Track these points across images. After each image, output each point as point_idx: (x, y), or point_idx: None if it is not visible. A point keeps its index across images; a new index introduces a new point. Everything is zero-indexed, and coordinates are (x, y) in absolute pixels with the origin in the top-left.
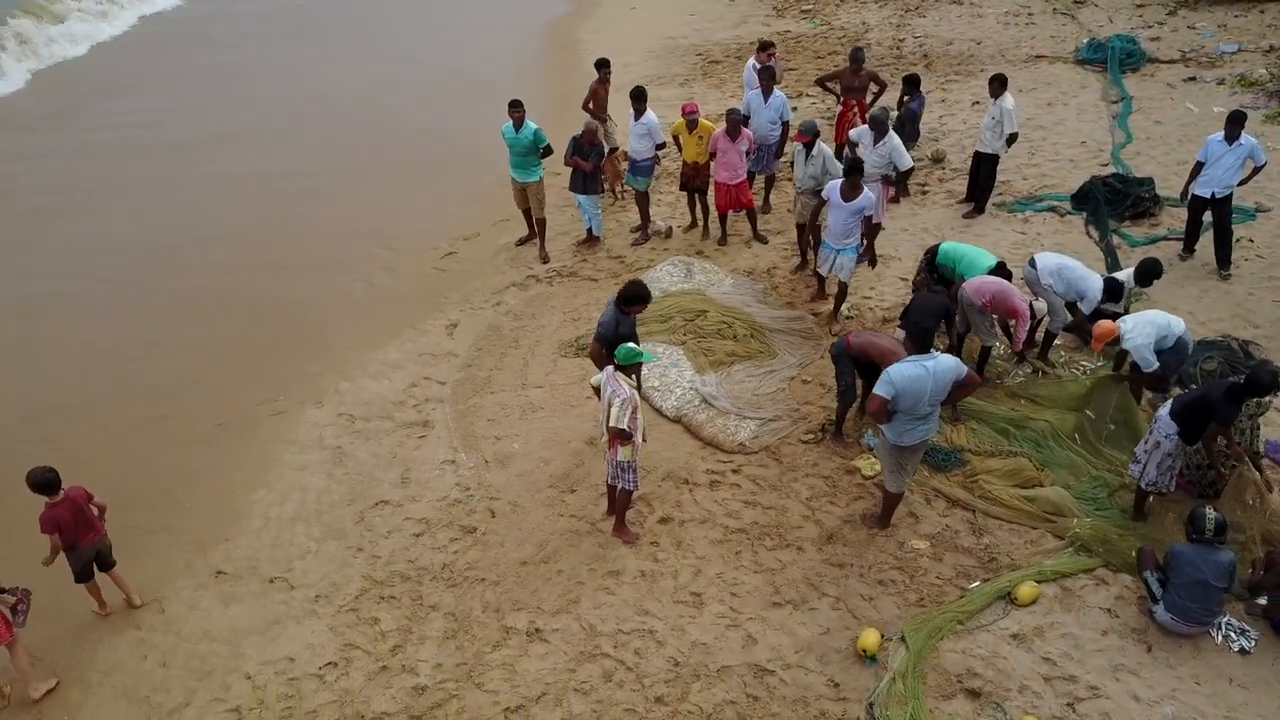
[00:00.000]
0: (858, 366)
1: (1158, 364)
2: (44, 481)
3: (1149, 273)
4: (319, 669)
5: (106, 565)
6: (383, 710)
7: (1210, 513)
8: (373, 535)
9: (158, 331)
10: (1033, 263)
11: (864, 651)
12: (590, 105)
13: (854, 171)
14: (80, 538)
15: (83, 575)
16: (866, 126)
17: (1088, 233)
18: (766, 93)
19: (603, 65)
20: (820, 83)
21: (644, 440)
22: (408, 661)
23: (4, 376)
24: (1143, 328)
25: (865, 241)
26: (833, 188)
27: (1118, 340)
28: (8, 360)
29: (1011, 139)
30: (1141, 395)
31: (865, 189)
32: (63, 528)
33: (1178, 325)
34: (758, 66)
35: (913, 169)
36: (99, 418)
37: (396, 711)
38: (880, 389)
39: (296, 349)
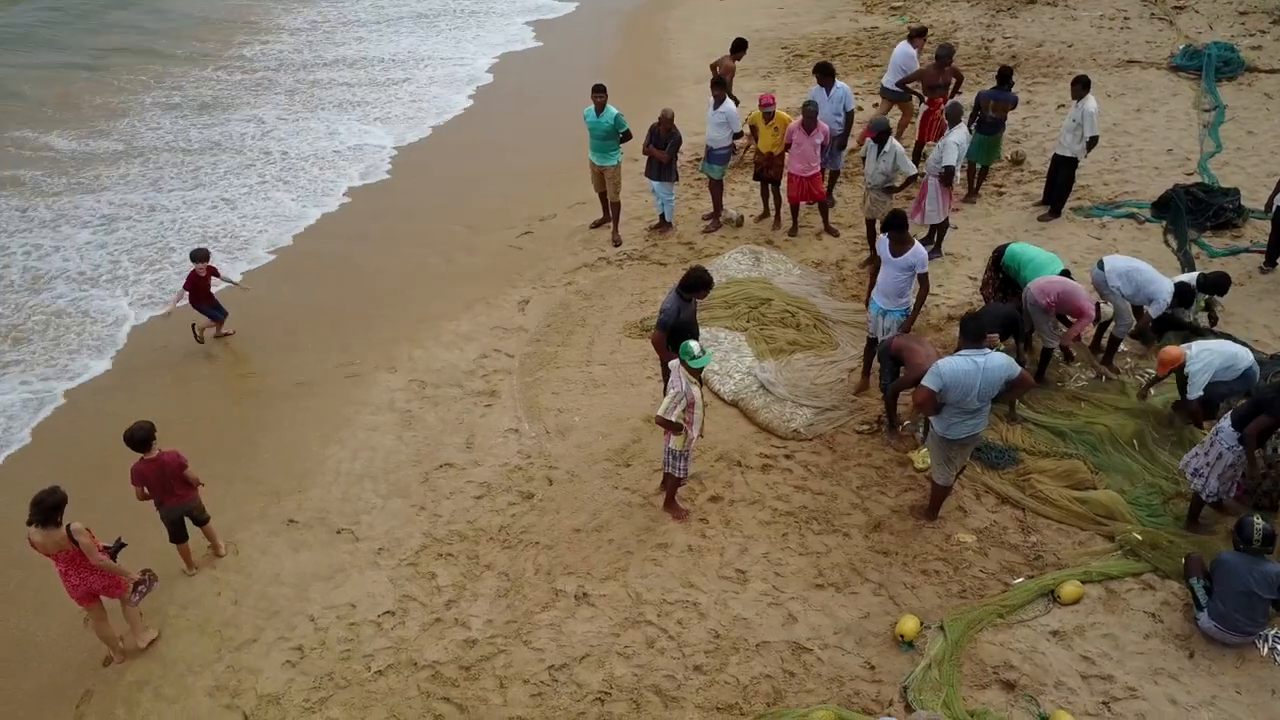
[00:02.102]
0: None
1: (1201, 394)
2: (135, 439)
3: (1213, 284)
4: (377, 616)
5: (199, 522)
6: (434, 659)
7: (1258, 522)
8: (435, 495)
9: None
10: (1101, 264)
11: (902, 637)
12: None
13: (894, 226)
14: (163, 498)
15: (175, 536)
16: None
17: (1166, 241)
18: (827, 88)
19: (739, 46)
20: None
21: (700, 435)
22: (460, 616)
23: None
24: (1208, 357)
25: (916, 305)
26: (882, 242)
27: (1183, 365)
28: None
29: (1092, 142)
30: (1201, 423)
31: (916, 243)
32: (148, 484)
33: (1245, 357)
34: (911, 51)
35: (950, 169)
36: (185, 372)
37: (447, 661)
38: (929, 381)
39: (374, 317)
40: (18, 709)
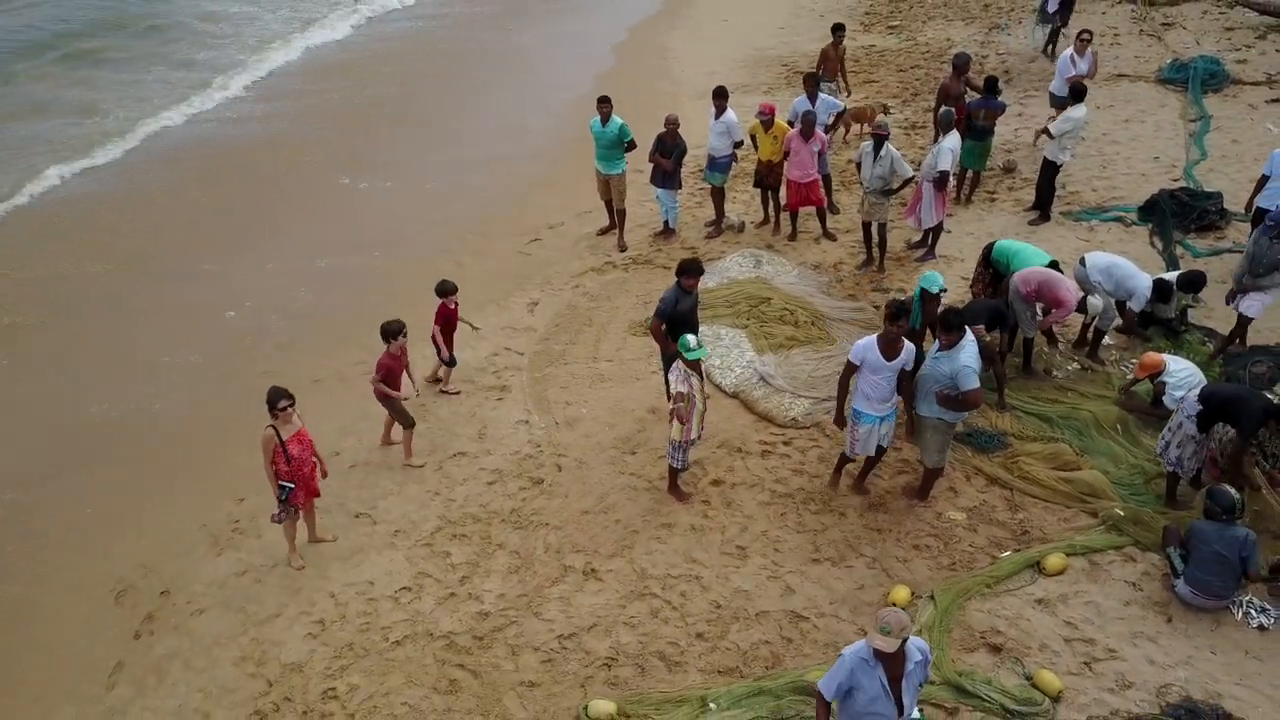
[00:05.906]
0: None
1: (1172, 409)
2: (382, 330)
3: (1192, 283)
4: (394, 592)
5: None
6: (449, 630)
7: (1228, 489)
8: (449, 482)
9: (260, 297)
10: (1083, 261)
11: (894, 605)
12: (824, 70)
13: (899, 315)
14: None
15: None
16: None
17: (1152, 243)
18: (812, 98)
19: (838, 29)
20: (935, 111)
21: (698, 437)
22: (474, 590)
23: (133, 327)
24: (1188, 379)
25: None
26: (868, 347)
27: (1161, 373)
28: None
29: (1045, 132)
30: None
31: (907, 342)
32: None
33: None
34: (1074, 56)
35: (944, 174)
36: (207, 371)
37: (461, 632)
38: (978, 385)
39: (387, 317)
40: (54, 681)
